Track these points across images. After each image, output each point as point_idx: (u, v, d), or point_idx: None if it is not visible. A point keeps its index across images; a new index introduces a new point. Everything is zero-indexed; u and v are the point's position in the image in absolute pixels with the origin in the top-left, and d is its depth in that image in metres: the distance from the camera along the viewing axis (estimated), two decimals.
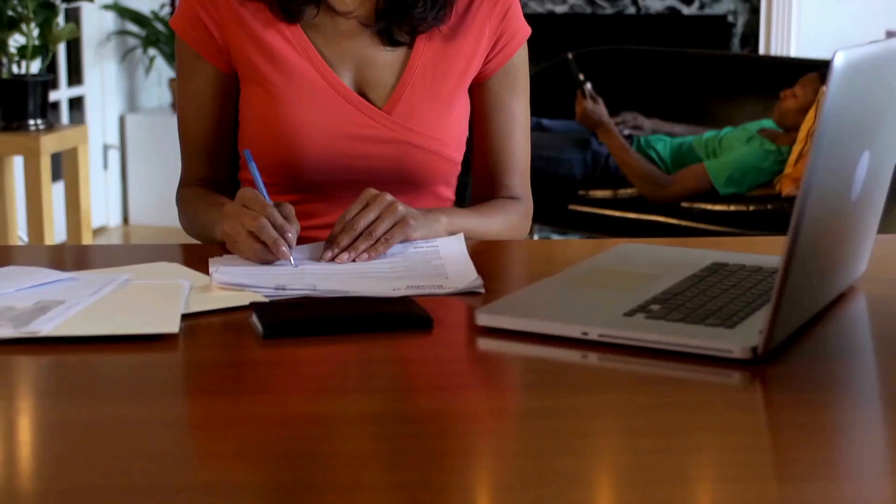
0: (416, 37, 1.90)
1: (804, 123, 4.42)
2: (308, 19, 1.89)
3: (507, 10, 1.94)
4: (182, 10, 1.92)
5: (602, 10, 6.39)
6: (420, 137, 1.88)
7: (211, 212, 1.82)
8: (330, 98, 1.87)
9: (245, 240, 1.61)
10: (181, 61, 1.94)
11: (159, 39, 6.16)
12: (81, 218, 4.09)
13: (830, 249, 1.40)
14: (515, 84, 1.96)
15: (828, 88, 1.19)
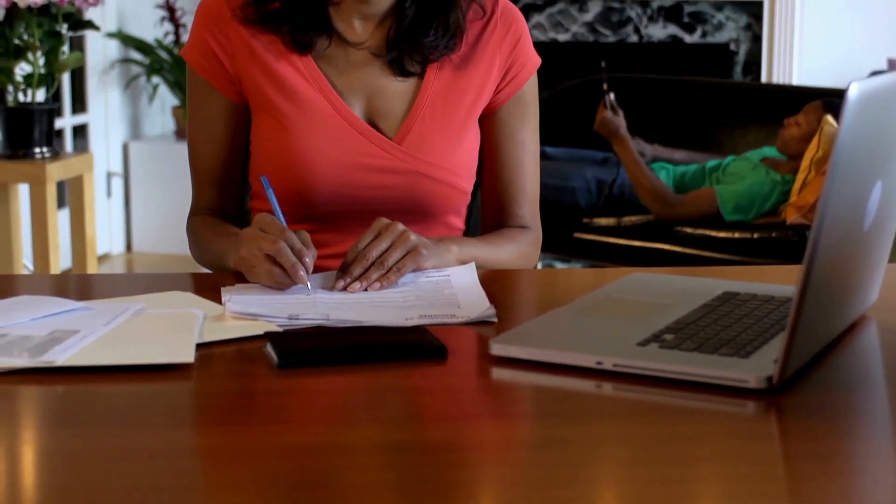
0: (426, 66, 1.91)
1: (807, 151, 4.43)
2: (320, 51, 1.89)
3: (517, 40, 1.95)
4: (193, 41, 1.92)
5: (605, 38, 6.41)
6: (430, 167, 1.88)
7: (224, 240, 1.82)
8: (341, 129, 1.87)
9: (262, 264, 1.62)
10: (192, 91, 1.95)
11: (163, 67, 6.18)
12: (87, 245, 4.09)
13: (843, 279, 1.41)
14: (525, 114, 1.97)
15: (842, 119, 1.19)
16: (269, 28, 1.88)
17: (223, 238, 1.84)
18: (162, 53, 6.19)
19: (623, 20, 6.40)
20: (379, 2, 1.88)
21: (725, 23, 6.31)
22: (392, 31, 1.90)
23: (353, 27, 1.90)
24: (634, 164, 4.59)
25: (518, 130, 1.97)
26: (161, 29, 6.28)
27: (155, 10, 6.26)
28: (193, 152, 1.98)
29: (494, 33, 1.93)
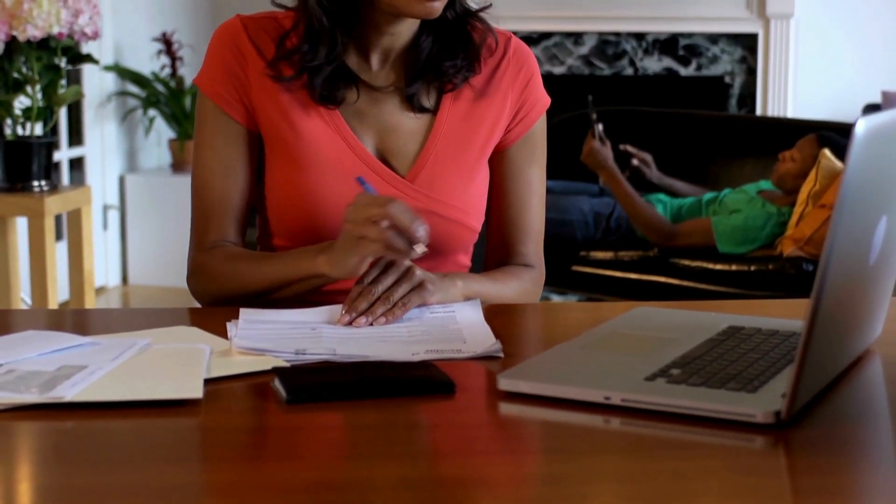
0: (440, 101, 1.90)
1: (805, 185, 4.44)
2: (349, 103, 1.88)
3: (529, 80, 1.95)
4: (208, 68, 1.90)
5: (600, 71, 6.44)
6: (442, 206, 1.88)
7: (279, 259, 1.80)
8: (355, 166, 1.86)
9: (373, 228, 1.61)
10: (205, 119, 1.90)
11: (159, 100, 6.19)
12: (84, 279, 4.09)
13: (850, 313, 1.41)
14: (534, 153, 1.97)
15: (849, 155, 1.20)
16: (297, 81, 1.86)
17: (278, 257, 1.81)
18: (158, 86, 6.20)
19: (618, 53, 6.42)
20: (400, 35, 1.86)
21: (720, 56, 6.34)
22: (409, 65, 1.89)
23: (369, 65, 1.88)
24: (625, 194, 4.61)
25: (526, 170, 1.97)
26: (158, 62, 6.30)
27: (152, 43, 6.29)
28: (203, 183, 1.90)
29: (507, 72, 1.94)
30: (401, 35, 1.86)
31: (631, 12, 6.36)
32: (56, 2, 3.83)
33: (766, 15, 6.22)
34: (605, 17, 6.40)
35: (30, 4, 3.77)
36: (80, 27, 3.89)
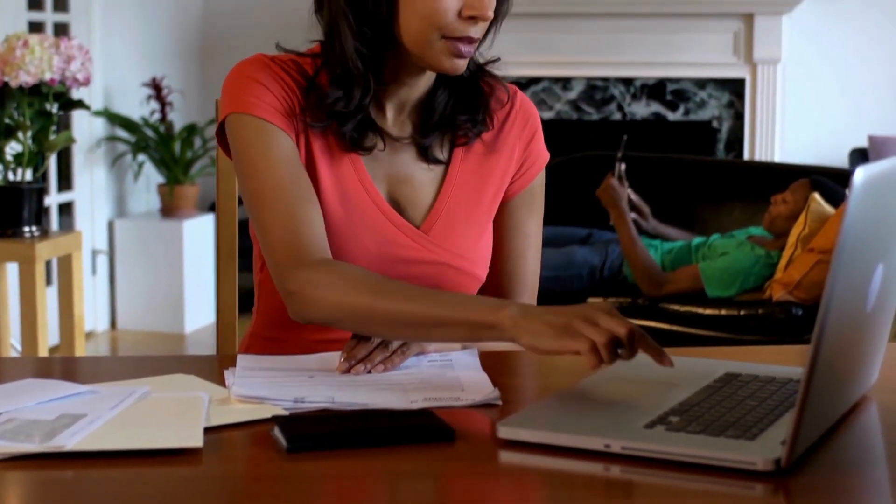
0: (452, 152, 1.91)
1: (794, 228, 4.47)
2: (378, 151, 1.85)
3: (533, 134, 1.96)
4: (250, 94, 1.80)
5: (588, 115, 6.47)
6: (456, 258, 1.88)
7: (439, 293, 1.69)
8: (374, 217, 1.84)
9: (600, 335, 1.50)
10: (255, 141, 1.78)
11: (148, 145, 6.20)
12: (75, 324, 4.09)
13: (848, 360, 1.42)
14: (533, 206, 1.98)
15: (848, 204, 1.21)
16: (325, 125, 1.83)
17: (431, 291, 1.69)
18: (148, 131, 6.21)
19: (607, 98, 6.46)
20: (417, 88, 1.86)
21: (708, 101, 6.38)
22: (424, 117, 1.89)
23: (385, 115, 1.87)
24: (629, 239, 4.64)
25: (525, 222, 1.98)
26: (147, 107, 6.31)
27: (141, 88, 6.30)
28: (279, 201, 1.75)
29: (515, 125, 1.95)
30: (418, 88, 1.86)
31: (619, 58, 6.40)
32: (48, 48, 3.85)
33: (753, 60, 6.26)
34: (593, 62, 6.43)
35: (22, 51, 3.79)
36: (72, 73, 3.91)
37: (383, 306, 1.64)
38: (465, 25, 1.75)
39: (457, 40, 1.75)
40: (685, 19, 6.30)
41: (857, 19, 6.40)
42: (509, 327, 1.56)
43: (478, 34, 1.77)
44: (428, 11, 1.74)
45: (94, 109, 5.95)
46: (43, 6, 5.71)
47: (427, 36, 1.75)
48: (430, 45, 1.76)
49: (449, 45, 1.75)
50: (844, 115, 6.47)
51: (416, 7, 1.74)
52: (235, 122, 1.81)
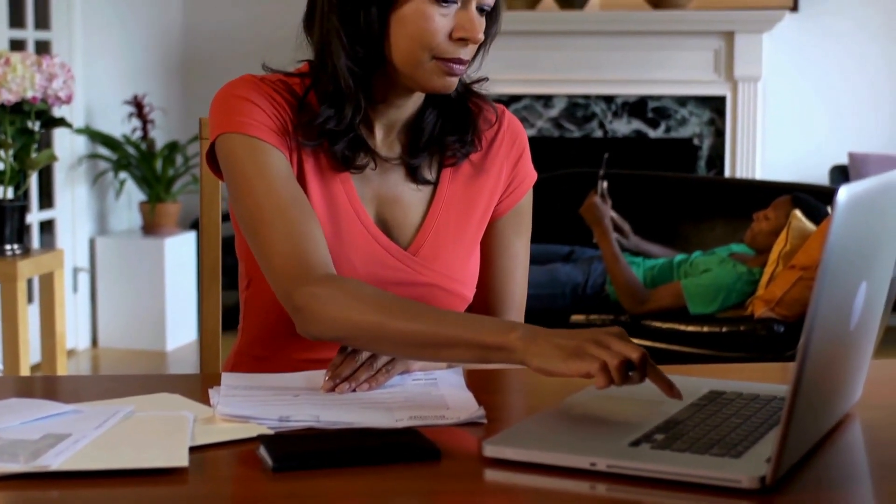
0: (441, 173, 1.91)
1: (775, 245, 4.48)
2: (370, 170, 1.85)
3: (521, 154, 1.97)
4: (241, 113, 1.79)
5: (570, 133, 6.48)
6: (444, 279, 1.88)
7: (448, 313, 1.67)
8: (362, 238, 1.84)
9: (611, 357, 1.49)
10: (247, 160, 1.77)
11: (130, 163, 6.19)
12: (56, 342, 4.08)
13: (832, 378, 1.43)
14: (520, 226, 1.98)
15: (832, 223, 1.22)
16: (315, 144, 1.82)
17: (441, 311, 1.67)
18: (129, 149, 6.21)
19: (588, 116, 6.47)
20: (406, 108, 1.86)
21: (689, 118, 6.40)
22: (413, 138, 1.89)
23: (374, 135, 1.87)
24: (612, 256, 4.65)
25: (513, 242, 1.98)
26: (129, 125, 6.30)
27: (123, 106, 6.29)
28: (278, 218, 1.74)
29: (503, 145, 1.95)
30: (407, 108, 1.86)
31: (600, 75, 6.42)
32: (30, 66, 3.84)
33: (734, 78, 6.28)
34: (574, 80, 6.45)
35: (4, 69, 3.78)
36: (54, 91, 3.90)
37: (392, 325, 1.63)
38: (456, 47, 1.76)
39: (447, 61, 1.76)
40: (666, 37, 6.32)
41: (836, 37, 6.43)
42: (519, 349, 1.55)
43: (468, 55, 1.78)
44: (418, 32, 1.74)
45: (76, 127, 5.94)
46: (24, 24, 5.70)
47: (417, 56, 1.76)
48: (420, 65, 1.76)
49: (439, 66, 1.76)
50: (825, 132, 6.49)
51: (407, 28, 1.75)
52: (228, 142, 1.79)
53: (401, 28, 1.76)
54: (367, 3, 1.77)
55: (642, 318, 4.60)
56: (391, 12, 1.76)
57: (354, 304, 1.65)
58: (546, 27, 6.38)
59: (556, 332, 1.55)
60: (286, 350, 1.85)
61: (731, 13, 6.25)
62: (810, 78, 6.49)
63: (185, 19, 6.85)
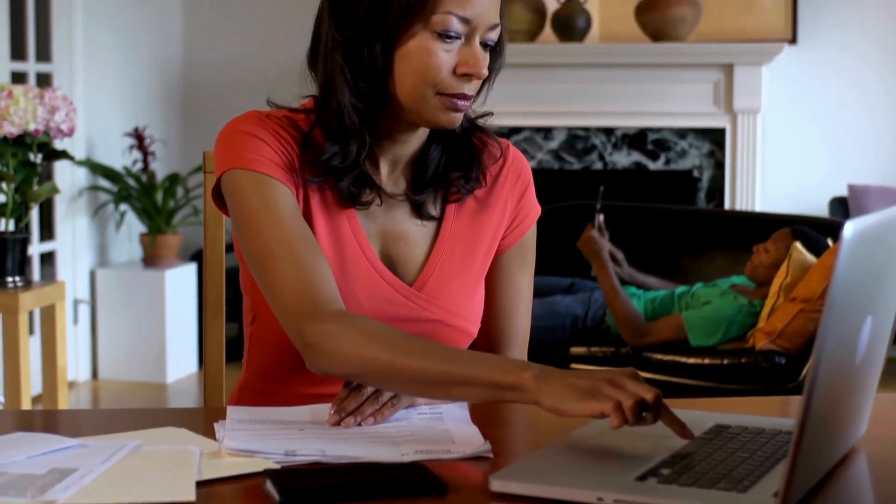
0: (445, 209, 1.91)
1: (776, 278, 4.48)
2: (375, 206, 1.85)
3: (525, 188, 1.97)
4: (248, 149, 1.79)
5: (570, 165, 6.50)
6: (449, 315, 1.88)
7: (461, 352, 1.68)
8: (368, 275, 1.84)
9: (626, 397, 1.49)
10: (255, 191, 1.77)
11: (131, 195, 6.20)
12: (58, 375, 4.07)
13: (838, 412, 1.43)
14: (525, 260, 1.99)
15: (838, 258, 1.22)
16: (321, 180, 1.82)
17: (453, 350, 1.68)
18: (130, 181, 6.22)
19: (588, 147, 6.49)
20: (411, 144, 1.86)
21: (689, 150, 6.41)
22: (417, 174, 1.89)
23: (379, 171, 1.87)
24: (612, 289, 4.65)
25: (517, 276, 1.98)
26: (129, 157, 6.31)
27: (123, 138, 6.31)
28: (286, 253, 1.73)
29: (507, 180, 1.95)
30: (411, 144, 1.87)
31: (600, 107, 6.44)
32: (33, 99, 3.85)
33: (733, 110, 6.30)
34: (574, 112, 6.47)
35: (7, 101, 3.79)
36: (57, 124, 3.91)
37: (404, 363, 1.62)
38: (460, 82, 1.76)
39: (451, 96, 1.76)
40: (665, 70, 6.35)
41: (835, 69, 6.45)
42: (532, 389, 1.54)
43: (472, 91, 1.78)
44: (422, 68, 1.75)
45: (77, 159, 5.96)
46: (26, 56, 5.72)
47: (422, 92, 1.76)
48: (424, 101, 1.77)
49: (444, 101, 1.77)
50: (824, 163, 6.51)
51: (411, 64, 1.75)
52: (234, 178, 1.79)
53: (405, 64, 1.77)
54: (372, 39, 1.77)
55: (643, 351, 4.60)
56: (395, 49, 1.77)
57: (365, 341, 1.65)
58: (546, 60, 6.40)
59: (569, 373, 1.55)
60: (292, 384, 1.85)
61: (731, 46, 6.28)
62: (809, 110, 6.51)
63: (185, 51, 6.87)
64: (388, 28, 1.76)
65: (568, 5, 6.37)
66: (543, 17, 6.41)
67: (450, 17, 1.74)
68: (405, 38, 1.76)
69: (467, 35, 1.76)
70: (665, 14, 6.23)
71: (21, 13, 5.69)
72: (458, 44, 1.77)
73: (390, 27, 1.75)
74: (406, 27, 1.75)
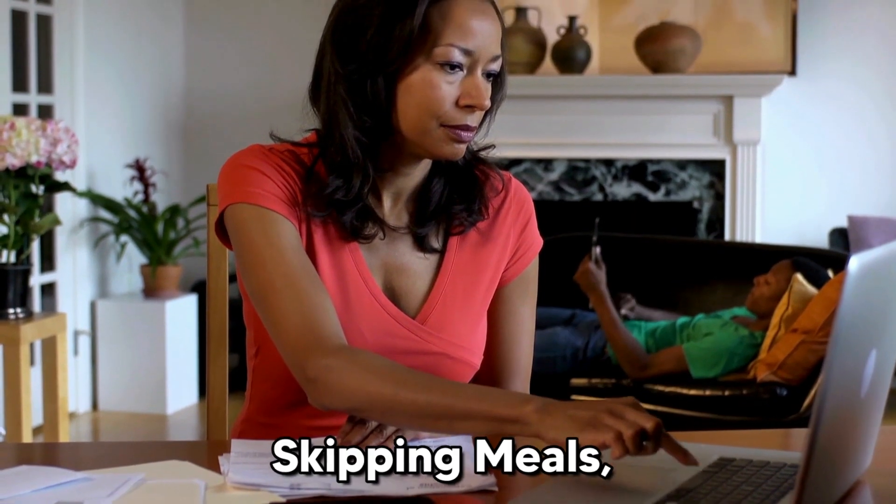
0: (447, 241, 1.92)
1: (777, 309, 4.49)
2: (378, 239, 1.86)
3: (527, 221, 1.98)
4: (251, 184, 1.79)
5: (570, 196, 6.50)
6: (452, 348, 1.88)
7: (464, 386, 1.68)
8: (372, 308, 1.85)
9: (626, 427, 1.50)
10: (258, 226, 1.77)
11: (131, 226, 6.21)
12: (59, 406, 4.07)
13: (843, 446, 1.43)
14: (527, 292, 1.99)
15: (843, 292, 1.23)
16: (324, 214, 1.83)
17: (455, 384, 1.68)
18: (131, 212, 6.22)
19: (588, 179, 6.50)
20: (413, 177, 1.87)
21: (689, 181, 6.42)
22: (420, 206, 1.90)
23: (381, 204, 1.88)
24: (610, 322, 4.65)
25: (519, 308, 1.99)
26: (130, 188, 6.32)
27: (124, 169, 6.32)
28: (288, 288, 1.74)
29: (510, 213, 1.96)
30: (414, 177, 1.88)
31: (600, 139, 6.45)
32: (35, 131, 3.86)
33: (733, 141, 6.31)
34: (574, 143, 6.48)
35: (9, 133, 3.80)
36: (59, 156, 3.92)
37: (406, 397, 1.62)
38: (463, 114, 1.77)
39: (455, 128, 1.77)
40: (665, 101, 6.36)
41: (835, 100, 6.47)
42: (534, 422, 1.55)
43: (474, 122, 1.79)
44: (425, 100, 1.76)
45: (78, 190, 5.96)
46: (27, 88, 5.74)
47: (425, 124, 1.77)
48: (428, 133, 1.77)
49: (447, 132, 1.77)
50: (824, 195, 6.52)
51: (414, 96, 1.76)
52: (237, 212, 1.80)
53: (408, 96, 1.77)
54: (374, 72, 1.78)
55: (644, 382, 4.60)
56: (398, 81, 1.78)
57: (368, 376, 1.65)
58: (546, 91, 6.41)
59: (570, 404, 1.55)
60: (295, 417, 1.85)
61: (730, 78, 6.30)
62: (809, 141, 6.52)
63: (186, 83, 6.89)
64: (391, 61, 1.77)
65: (568, 37, 6.39)
66: (544, 49, 6.44)
67: (452, 49, 1.75)
68: (408, 70, 1.77)
69: (469, 66, 1.78)
70: (665, 46, 6.25)
71: (23, 45, 5.71)
72: (461, 75, 1.78)
73: (393, 60, 1.76)
74: (409, 60, 1.76)
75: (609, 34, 6.57)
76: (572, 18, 6.40)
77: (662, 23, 6.32)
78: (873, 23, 6.46)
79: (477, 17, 1.77)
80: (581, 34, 6.42)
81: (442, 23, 1.75)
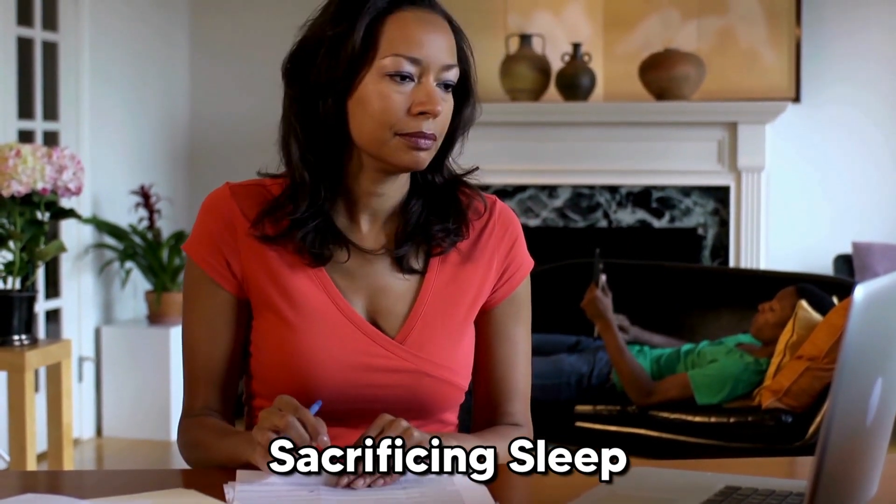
0: (428, 262, 1.94)
1: (782, 336, 4.48)
2: (338, 261, 1.90)
3: (514, 242, 1.99)
4: (198, 236, 1.93)
5: (574, 223, 6.51)
6: (433, 367, 1.90)
7: (233, 439, 1.80)
8: (344, 329, 1.88)
9: (263, 436, 1.62)
10: (193, 285, 1.93)
11: (136, 253, 6.22)
12: (63, 433, 4.07)
13: (849, 474, 1.43)
14: (519, 313, 2.00)
15: (848, 321, 1.23)
16: (285, 241, 1.90)
17: (232, 437, 1.81)
18: (136, 239, 6.23)
19: (592, 205, 6.51)
20: (389, 197, 1.91)
21: (693, 208, 6.43)
22: (399, 227, 1.93)
23: (359, 227, 1.92)
24: (617, 349, 4.64)
25: (512, 330, 2.00)
26: (135, 215, 6.33)
27: (129, 196, 6.33)
28: (191, 349, 1.95)
29: (493, 234, 1.98)
30: (390, 197, 1.91)
31: (604, 166, 6.46)
32: (41, 158, 3.87)
33: (737, 168, 6.32)
34: (578, 170, 6.49)
35: (15, 160, 3.81)
36: (64, 183, 3.92)
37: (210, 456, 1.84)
38: (417, 121, 1.81)
39: (410, 136, 1.81)
40: (669, 128, 6.38)
41: (839, 126, 6.48)
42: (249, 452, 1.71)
43: (431, 129, 1.82)
44: (377, 111, 1.81)
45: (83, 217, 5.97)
46: (33, 115, 5.75)
47: (380, 135, 1.82)
48: (385, 143, 1.82)
49: (404, 141, 1.81)
50: (828, 221, 6.52)
51: (367, 109, 1.81)
52: (188, 259, 1.96)
53: (360, 110, 1.83)
54: (325, 93, 1.84)
55: (649, 409, 4.59)
56: (348, 98, 1.83)
57: (193, 439, 1.89)
58: (550, 118, 6.43)
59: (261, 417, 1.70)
60: None
61: (734, 104, 6.31)
62: (813, 167, 6.53)
63: (191, 110, 6.91)
64: (340, 79, 1.82)
65: (572, 64, 6.41)
66: (548, 77, 6.45)
67: (398, 59, 1.81)
68: (358, 85, 1.82)
69: (419, 75, 1.82)
70: (669, 73, 6.27)
71: (28, 72, 5.73)
72: (412, 85, 1.82)
73: (341, 78, 1.82)
74: (357, 75, 1.82)
75: (613, 61, 6.59)
76: (576, 46, 6.41)
77: (666, 50, 6.33)
78: (877, 49, 6.48)
79: (422, 27, 1.82)
80: (585, 61, 6.43)
81: (387, 35, 1.81)
